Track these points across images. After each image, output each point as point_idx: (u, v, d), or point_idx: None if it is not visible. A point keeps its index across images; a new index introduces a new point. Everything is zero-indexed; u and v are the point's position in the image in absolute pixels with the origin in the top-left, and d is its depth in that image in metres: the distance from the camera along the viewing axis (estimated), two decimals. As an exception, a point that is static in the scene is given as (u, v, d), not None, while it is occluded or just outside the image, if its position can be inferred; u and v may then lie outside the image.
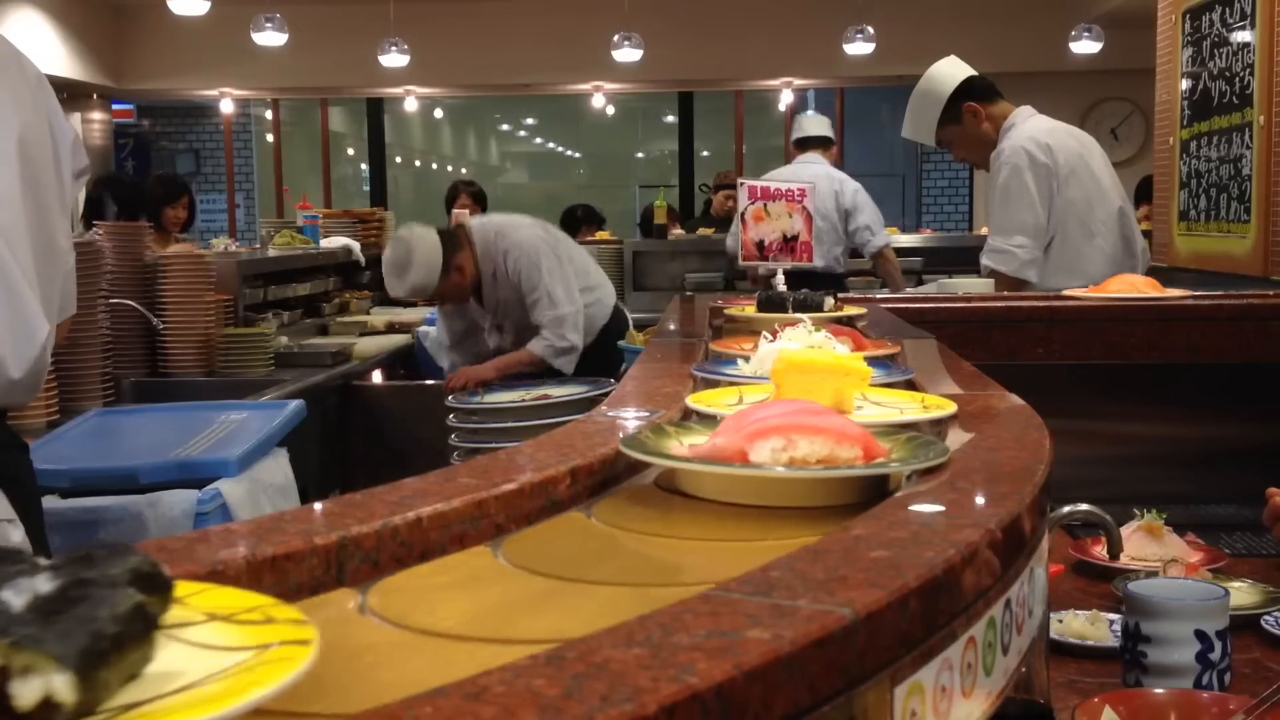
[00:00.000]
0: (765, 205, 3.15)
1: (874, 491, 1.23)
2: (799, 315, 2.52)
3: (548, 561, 1.10)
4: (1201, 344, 3.05)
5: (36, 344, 2.31)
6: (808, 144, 7.18)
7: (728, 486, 1.26)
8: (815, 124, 7.33)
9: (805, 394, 1.42)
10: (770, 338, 1.79)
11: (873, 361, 1.77)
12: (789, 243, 3.17)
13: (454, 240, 4.97)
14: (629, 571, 1.09)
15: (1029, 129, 4.19)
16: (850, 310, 2.72)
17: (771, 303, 2.70)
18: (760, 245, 3.17)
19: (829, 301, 2.68)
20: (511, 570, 1.09)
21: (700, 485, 1.29)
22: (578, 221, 9.91)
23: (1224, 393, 3.08)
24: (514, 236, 4.99)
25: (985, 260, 4.12)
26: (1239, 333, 3.06)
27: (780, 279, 3.10)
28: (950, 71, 4.33)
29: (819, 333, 1.80)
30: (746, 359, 1.84)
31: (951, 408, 1.47)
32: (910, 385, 1.75)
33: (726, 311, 2.82)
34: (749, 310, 2.77)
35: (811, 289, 2.78)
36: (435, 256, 4.87)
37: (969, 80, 4.30)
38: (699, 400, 1.59)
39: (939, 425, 1.48)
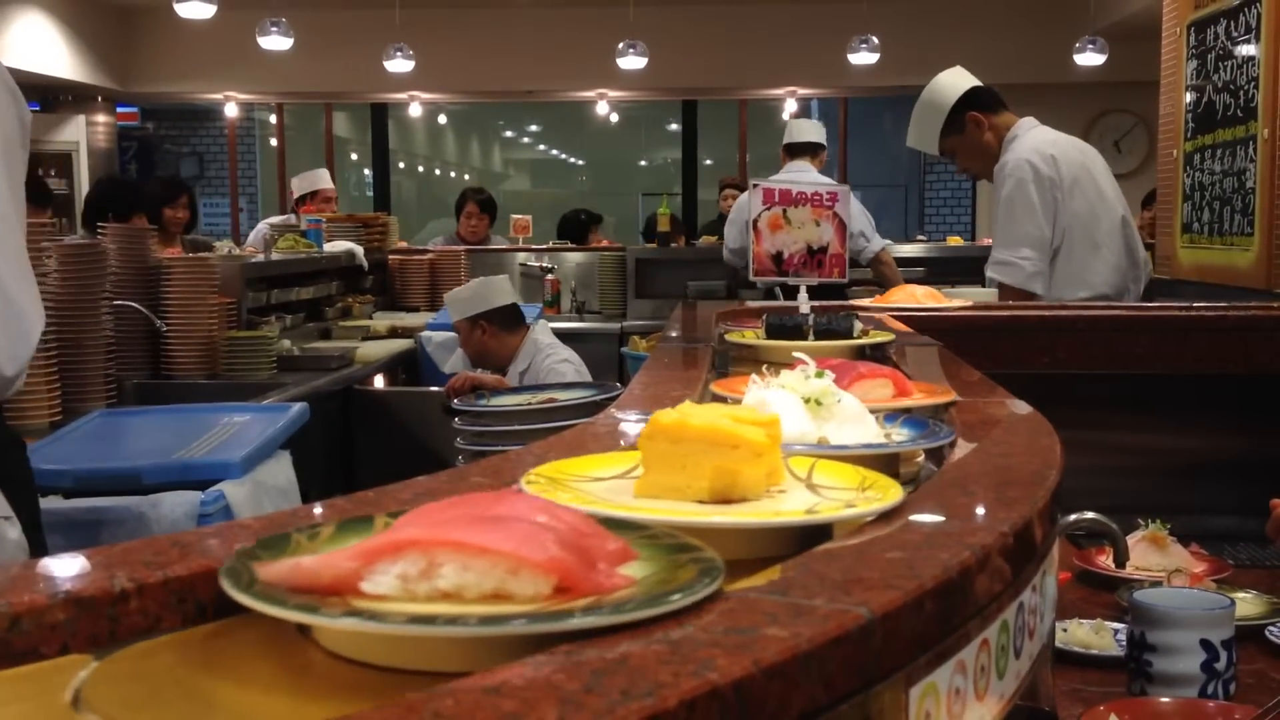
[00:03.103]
0: (784, 211, 2.70)
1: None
2: (817, 344, 2.17)
3: None
4: (1206, 355, 3.05)
5: (31, 343, 2.30)
6: (799, 150, 7.07)
7: (335, 635, 0.84)
8: (812, 129, 7.21)
9: (678, 472, 1.07)
10: (760, 382, 1.42)
11: (908, 421, 1.43)
12: (815, 255, 2.72)
13: (511, 316, 5.37)
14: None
15: (1032, 140, 4.20)
16: (879, 336, 2.30)
17: (783, 328, 2.25)
18: (778, 258, 2.73)
19: (857, 325, 2.25)
20: None
21: (314, 628, 0.86)
22: (583, 225, 9.88)
23: (1228, 404, 3.09)
24: (560, 353, 5.33)
25: (991, 273, 4.12)
26: (1243, 344, 3.06)
27: (804, 298, 2.73)
28: (954, 81, 4.33)
29: (820, 377, 1.39)
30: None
31: (893, 498, 1.07)
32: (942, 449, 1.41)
33: (727, 336, 2.38)
34: (749, 336, 2.33)
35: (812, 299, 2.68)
36: (482, 301, 5.28)
37: (973, 90, 4.30)
38: (543, 474, 1.13)
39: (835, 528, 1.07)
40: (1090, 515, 1.95)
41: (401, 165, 18.26)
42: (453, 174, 20.66)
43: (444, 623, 0.75)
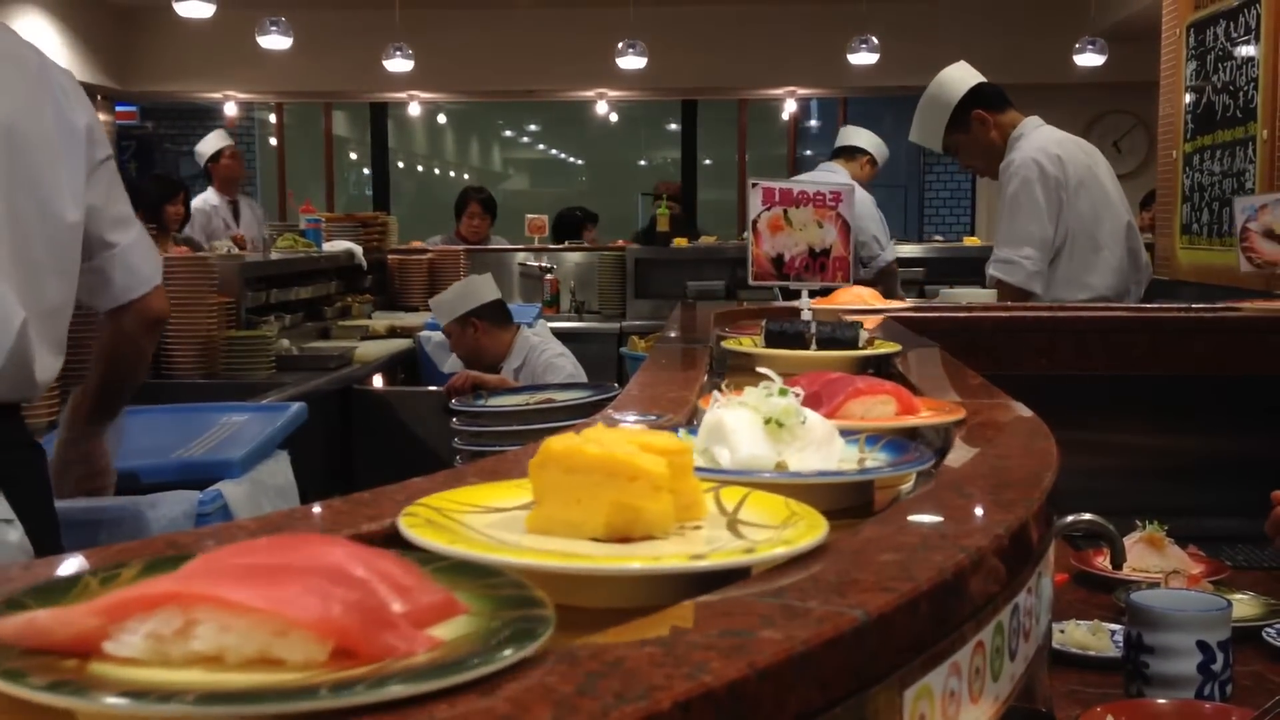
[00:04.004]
0: (785, 212, 2.47)
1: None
2: (818, 354, 2.04)
3: None
4: (1204, 356, 3.05)
5: (9, 332, 2.30)
6: (837, 154, 6.85)
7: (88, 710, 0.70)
8: (852, 134, 6.99)
9: (573, 506, 0.96)
10: (721, 399, 1.29)
11: (889, 444, 1.30)
12: (817, 258, 2.49)
13: (499, 313, 5.39)
14: None
15: (1038, 140, 4.17)
16: (886, 347, 2.13)
17: (784, 336, 2.10)
18: (778, 261, 2.50)
19: (862, 335, 2.09)
20: None
21: None
22: (578, 222, 9.88)
23: (1226, 405, 3.08)
24: (555, 348, 5.41)
25: (992, 271, 4.11)
26: (1241, 345, 3.06)
27: (805, 303, 2.50)
28: (960, 77, 4.29)
29: (784, 395, 1.25)
30: (691, 432, 1.30)
31: (806, 541, 0.94)
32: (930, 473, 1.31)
33: (725, 344, 2.23)
34: (747, 343, 2.16)
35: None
36: (470, 299, 5.30)
37: (978, 87, 4.27)
38: (430, 504, 1.01)
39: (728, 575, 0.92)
40: (1087, 517, 1.94)
41: (400, 164, 18.24)
42: (452, 174, 20.63)
43: (157, 699, 0.63)
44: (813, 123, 16.48)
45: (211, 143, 8.85)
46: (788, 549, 0.92)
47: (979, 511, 1.11)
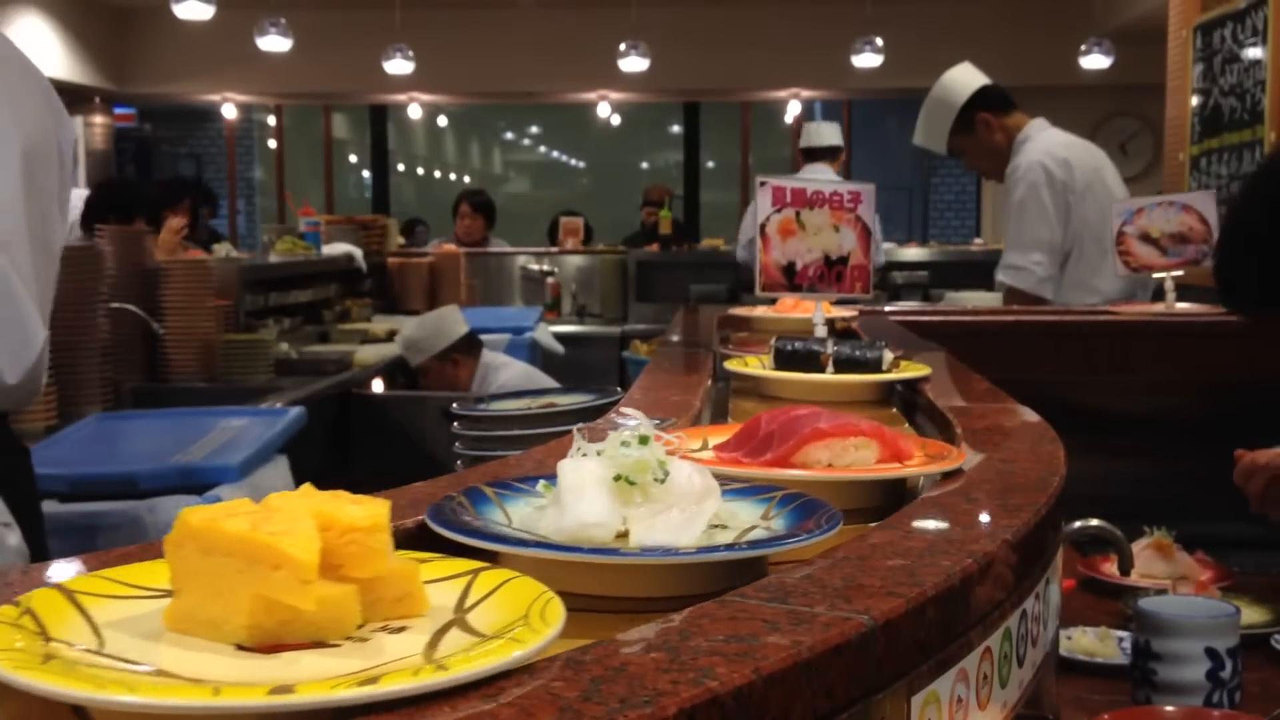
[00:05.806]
0: (798, 214, 2.19)
1: None
2: (834, 378, 1.84)
3: None
4: (1211, 361, 3.03)
5: (33, 351, 2.29)
6: (818, 154, 7.01)
7: None
8: (829, 132, 7.14)
9: (214, 599, 0.75)
10: (582, 444, 1.03)
11: (801, 506, 1.04)
12: (833, 267, 2.21)
13: (472, 344, 5.49)
14: None
15: (1045, 143, 4.14)
16: (913, 369, 1.92)
17: (795, 356, 1.88)
18: (789, 269, 2.22)
19: (887, 356, 1.87)
20: None
21: None
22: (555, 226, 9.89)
23: (1234, 409, 3.06)
24: (516, 365, 5.56)
25: (1001, 277, 4.08)
26: (1249, 349, 3.04)
27: (820, 319, 2.21)
28: (964, 79, 4.25)
29: (644, 445, 1.00)
30: (552, 481, 1.03)
31: (471, 666, 0.68)
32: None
33: (727, 365, 2.03)
34: (753, 365, 1.97)
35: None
36: (446, 335, 5.41)
37: (983, 89, 4.23)
38: (73, 587, 0.81)
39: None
40: (1095, 522, 1.93)
41: (400, 167, 18.25)
42: (452, 176, 20.64)
43: None
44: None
45: None
46: (430, 680, 0.66)
47: (986, 517, 1.11)
